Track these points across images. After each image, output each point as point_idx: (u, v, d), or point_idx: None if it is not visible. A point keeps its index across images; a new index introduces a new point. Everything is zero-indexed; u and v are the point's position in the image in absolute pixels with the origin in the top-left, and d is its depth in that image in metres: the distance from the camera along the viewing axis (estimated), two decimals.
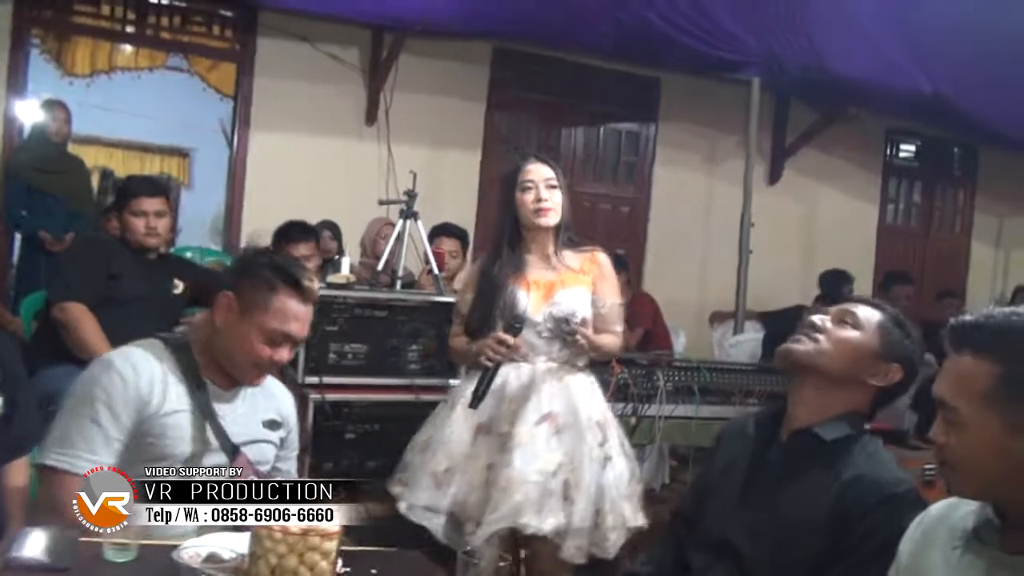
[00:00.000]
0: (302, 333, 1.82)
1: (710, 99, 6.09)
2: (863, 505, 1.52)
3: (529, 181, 2.49)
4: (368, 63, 5.45)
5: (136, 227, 3.13)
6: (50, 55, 6.01)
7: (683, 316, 5.78)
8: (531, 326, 2.45)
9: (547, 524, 2.31)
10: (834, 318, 1.68)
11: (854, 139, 6.70)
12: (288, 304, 1.77)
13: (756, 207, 5.36)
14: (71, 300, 2.96)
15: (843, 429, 1.61)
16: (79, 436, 1.67)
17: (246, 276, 1.82)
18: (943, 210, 7.54)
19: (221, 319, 1.80)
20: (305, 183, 5.23)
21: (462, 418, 2.45)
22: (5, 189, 4.78)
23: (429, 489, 2.39)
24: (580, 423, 2.43)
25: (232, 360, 1.81)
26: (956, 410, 1.22)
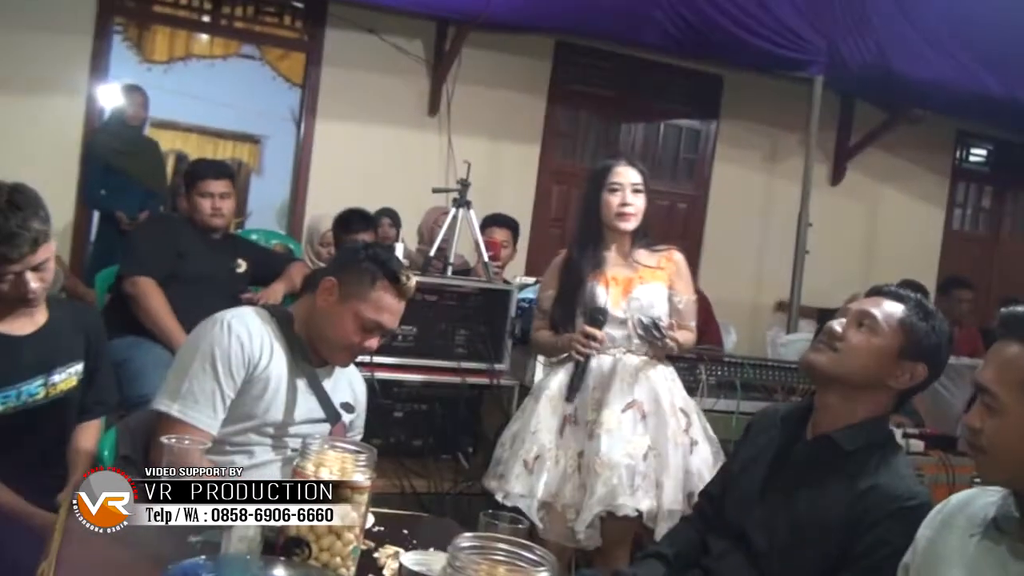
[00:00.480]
0: (393, 325, 1.94)
1: (773, 97, 6.04)
2: (874, 515, 1.54)
3: (616, 183, 2.56)
4: (432, 55, 5.56)
5: (203, 207, 3.29)
6: (131, 42, 6.27)
7: (737, 314, 5.77)
8: (612, 321, 2.54)
9: (643, 504, 2.39)
10: (852, 321, 1.67)
11: (921, 141, 6.58)
12: (385, 297, 1.90)
13: (817, 207, 5.33)
14: (141, 275, 3.12)
15: (864, 438, 1.63)
16: (201, 393, 1.82)
17: (350, 265, 1.94)
18: (1015, 216, 7.34)
19: (322, 301, 1.92)
20: (368, 171, 5.36)
21: (549, 410, 2.55)
22: (85, 169, 5.01)
23: (521, 476, 2.49)
24: (663, 410, 2.51)
25: (326, 340, 1.93)
26: (996, 396, 1.25)
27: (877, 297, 1.71)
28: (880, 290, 1.73)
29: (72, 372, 2.10)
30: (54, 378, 2.06)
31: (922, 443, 3.47)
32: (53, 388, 2.06)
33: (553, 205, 5.94)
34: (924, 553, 1.37)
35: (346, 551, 1.31)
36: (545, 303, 2.68)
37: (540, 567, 0.95)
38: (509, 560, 0.96)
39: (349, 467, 1.32)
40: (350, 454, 1.34)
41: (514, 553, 0.97)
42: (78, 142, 5.03)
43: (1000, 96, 5.54)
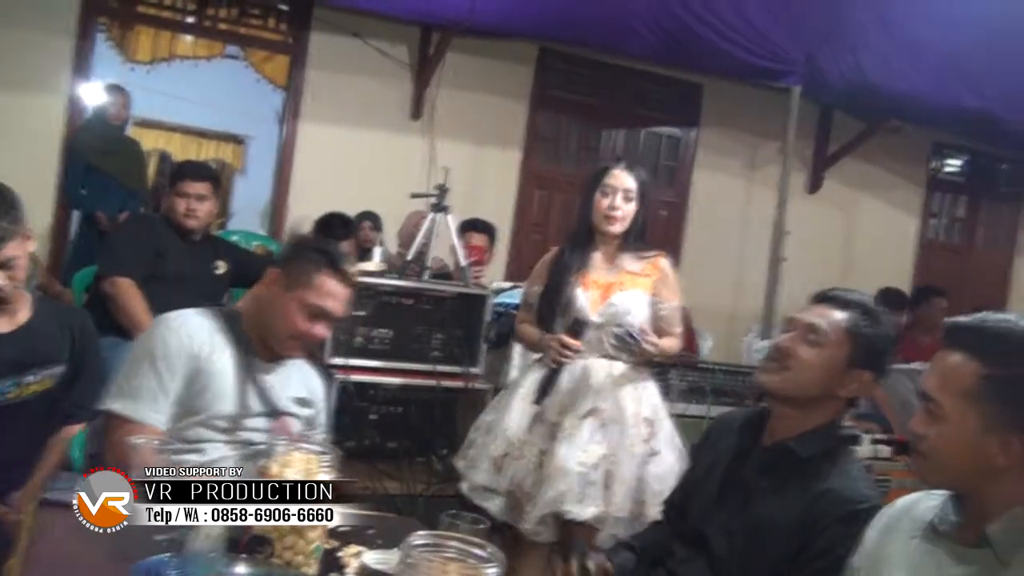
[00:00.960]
0: (339, 312, 1.97)
1: (752, 106, 6.11)
2: (827, 518, 1.58)
3: (609, 186, 2.59)
4: (416, 59, 5.59)
5: (178, 207, 3.29)
6: (114, 42, 6.25)
7: (715, 321, 5.82)
8: None
9: (587, 512, 2.44)
10: (800, 336, 1.69)
11: (898, 151, 6.67)
12: (328, 283, 1.93)
13: (795, 215, 5.39)
14: (120, 275, 3.13)
15: (818, 444, 1.67)
16: (143, 387, 1.85)
17: (294, 256, 2.00)
18: (987, 226, 7.44)
19: (267, 292, 1.97)
20: (350, 174, 5.39)
21: (521, 406, 2.60)
22: (66, 168, 5.01)
23: (488, 472, 2.57)
24: (625, 419, 2.54)
25: (273, 331, 1.95)
26: (939, 404, 1.29)
27: (822, 306, 1.72)
28: (825, 296, 1.74)
29: (48, 374, 2.10)
30: (27, 378, 2.07)
31: (889, 449, 3.54)
32: (25, 388, 2.07)
33: (534, 210, 5.99)
34: (870, 555, 1.42)
35: (309, 549, 1.35)
36: (531, 298, 2.72)
37: (490, 564, 0.99)
38: (460, 557, 1.00)
39: (314, 468, 1.36)
40: (315, 455, 1.37)
41: (465, 551, 1.01)
42: (59, 141, 5.04)
43: (974, 108, 5.63)
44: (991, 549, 1.24)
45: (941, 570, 1.29)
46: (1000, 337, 1.28)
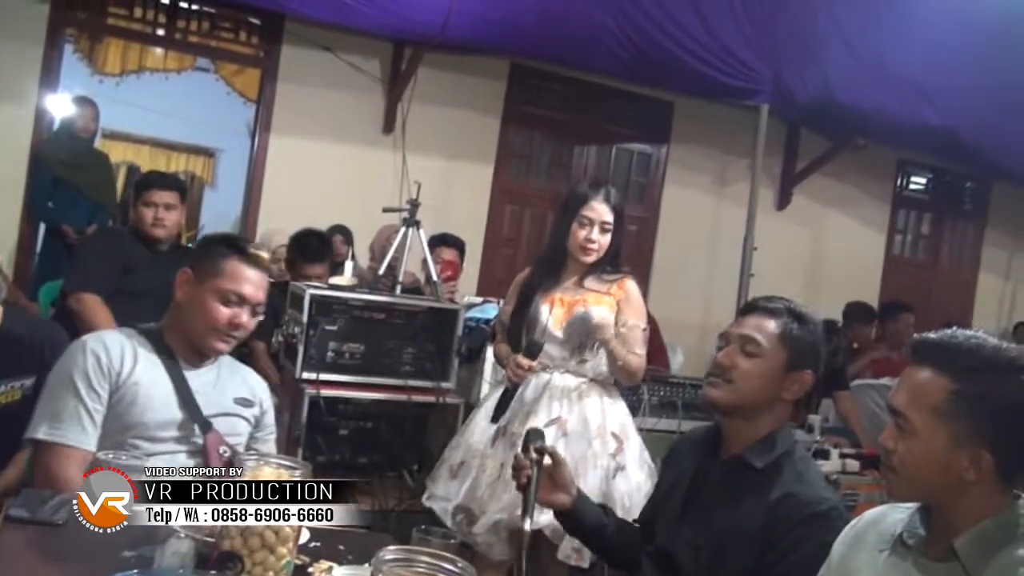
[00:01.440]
0: (254, 295, 1.97)
1: (722, 123, 6.19)
2: (788, 523, 1.61)
3: (587, 218, 2.61)
4: (388, 74, 5.60)
5: (145, 216, 3.26)
6: (83, 54, 6.23)
7: (685, 335, 5.87)
8: (551, 339, 2.61)
9: (542, 519, 2.40)
10: (736, 349, 1.74)
11: (864, 168, 6.78)
12: (238, 268, 1.95)
13: (763, 231, 5.46)
14: (85, 291, 3.09)
15: (772, 452, 1.70)
16: (65, 412, 1.83)
17: (202, 253, 2.04)
18: (952, 243, 7.58)
19: (182, 293, 1.98)
20: (321, 188, 5.38)
21: (485, 421, 2.64)
22: (33, 180, 4.95)
23: (444, 480, 2.61)
24: (589, 431, 2.56)
25: (196, 329, 1.96)
26: (908, 419, 1.31)
27: (752, 316, 1.77)
28: (754, 307, 1.80)
29: (16, 386, 2.08)
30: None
31: (858, 463, 3.58)
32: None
33: (505, 225, 6.01)
34: (837, 568, 1.44)
35: (279, 566, 1.33)
36: (503, 316, 2.77)
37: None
38: (431, 572, 1.00)
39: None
40: (285, 469, 1.37)
41: (436, 565, 1.01)
42: (26, 153, 4.97)
43: (938, 126, 5.74)
44: (959, 563, 1.26)
45: None
46: (969, 353, 1.30)
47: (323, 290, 3.10)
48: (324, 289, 3.12)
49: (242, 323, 1.97)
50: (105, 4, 5.18)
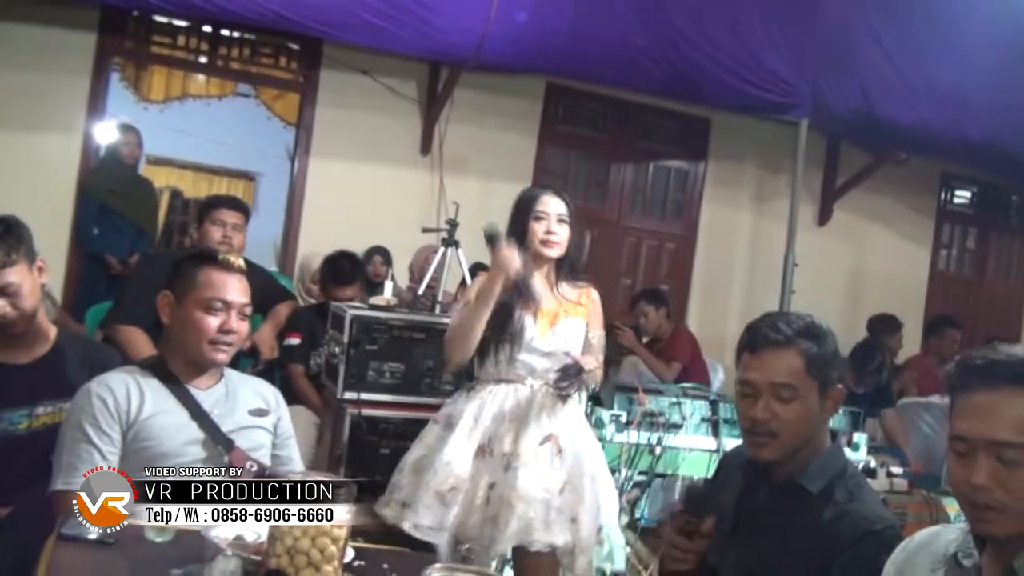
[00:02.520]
0: (236, 297, 1.99)
1: (761, 139, 6.16)
2: (843, 542, 1.57)
3: (542, 212, 2.61)
4: (424, 96, 5.66)
5: (213, 235, 3.27)
6: (128, 81, 6.37)
7: (726, 353, 5.80)
8: (534, 352, 2.57)
9: (557, 539, 2.42)
10: (771, 399, 1.64)
11: (907, 183, 6.68)
12: (212, 275, 1.98)
13: (804, 247, 5.40)
14: (124, 324, 3.10)
15: (825, 475, 1.65)
16: (78, 459, 1.84)
17: (173, 273, 2.04)
18: (999, 257, 7.43)
19: (167, 317, 2.01)
20: (360, 209, 5.43)
21: (463, 440, 2.51)
22: (79, 208, 5.06)
23: (433, 508, 2.46)
24: (579, 444, 2.55)
25: (190, 346, 1.97)
26: (1015, 446, 1.21)
27: (767, 354, 1.65)
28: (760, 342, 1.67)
29: (62, 407, 2.08)
30: (39, 410, 2.07)
31: (906, 482, 3.51)
32: (36, 420, 2.07)
33: None
34: None
35: None
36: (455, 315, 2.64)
37: None
38: None
39: None
40: None
41: None
42: (74, 180, 5.09)
43: (981, 139, 5.65)
44: None
45: None
46: None
47: (364, 311, 3.13)
48: (365, 310, 3.14)
49: (233, 328, 1.98)
50: (150, 33, 5.31)
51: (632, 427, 3.14)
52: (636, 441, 3.12)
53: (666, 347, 5.04)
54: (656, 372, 4.78)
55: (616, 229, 6.27)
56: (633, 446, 3.11)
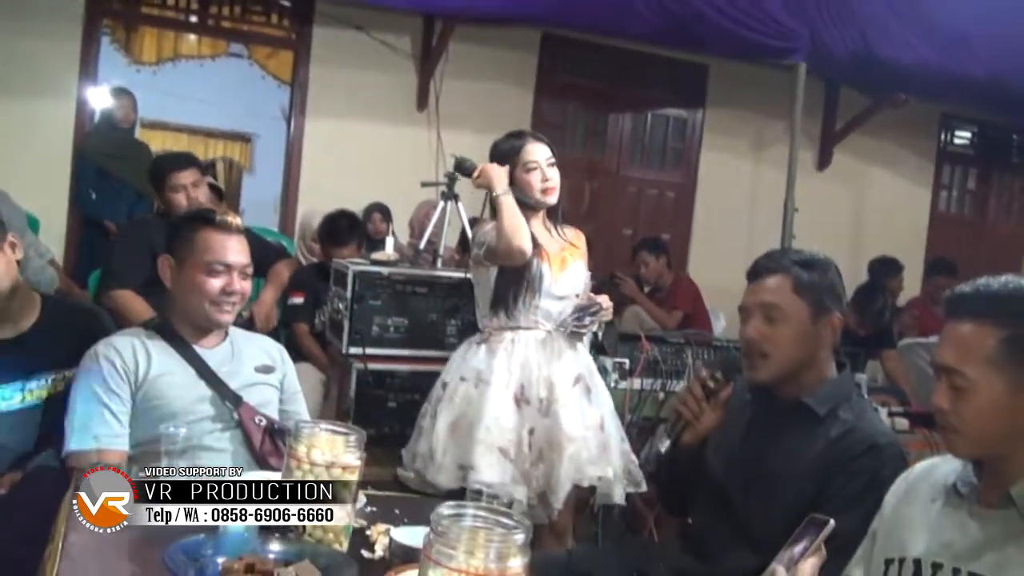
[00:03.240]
0: (236, 257, 1.99)
1: (758, 85, 6.10)
2: (848, 455, 1.62)
3: (533, 162, 2.56)
4: (419, 50, 5.61)
5: (178, 202, 3.21)
6: (119, 44, 6.32)
7: (727, 300, 5.82)
8: (551, 296, 2.57)
9: (607, 471, 2.49)
10: (761, 320, 1.70)
11: (906, 125, 6.64)
12: (210, 237, 1.98)
13: (804, 193, 5.38)
14: (117, 289, 3.10)
15: (833, 399, 1.70)
16: (90, 419, 1.86)
17: (171, 237, 2.05)
18: (999, 197, 7.41)
19: (169, 280, 2.02)
20: (358, 167, 5.42)
21: (501, 392, 2.51)
22: (77, 172, 5.05)
23: (496, 465, 2.44)
24: (596, 380, 2.63)
25: (194, 309, 1.98)
26: (963, 375, 1.28)
27: (762, 280, 1.73)
28: (759, 270, 1.74)
29: (56, 378, 2.09)
30: (32, 384, 2.07)
31: (907, 421, 3.55)
32: (30, 394, 2.07)
33: None
34: (889, 519, 1.43)
35: (339, 527, 1.37)
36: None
37: (517, 531, 1.01)
38: (488, 525, 1.02)
39: (339, 448, 1.38)
40: (340, 436, 1.40)
41: (493, 519, 1.03)
42: (69, 145, 5.08)
43: (983, 78, 5.59)
44: (1016, 510, 1.26)
45: (963, 531, 1.30)
46: (1009, 298, 1.29)
47: (366, 266, 3.14)
48: (367, 265, 3.16)
49: (236, 288, 1.98)
50: None
51: (635, 375, 3.15)
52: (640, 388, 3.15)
53: (667, 296, 5.06)
54: (658, 320, 4.80)
55: (615, 179, 6.25)
56: (636, 392, 3.13)
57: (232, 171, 9.23)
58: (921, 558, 1.32)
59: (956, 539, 1.30)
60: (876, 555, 1.42)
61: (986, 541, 1.27)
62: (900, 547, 1.37)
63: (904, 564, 1.35)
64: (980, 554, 1.26)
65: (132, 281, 3.12)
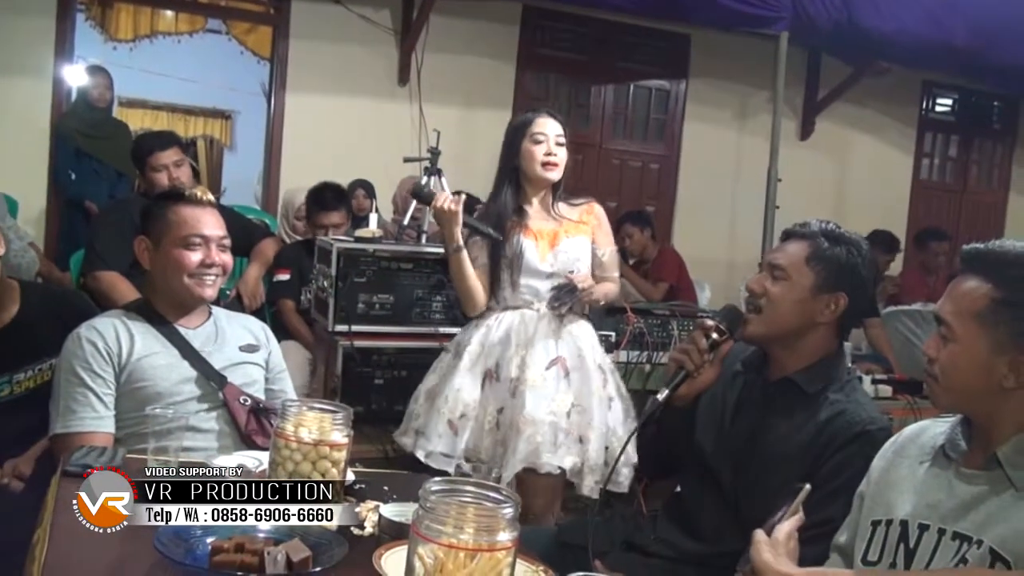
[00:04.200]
0: (211, 229, 1.98)
1: (741, 55, 6.09)
2: (838, 441, 1.62)
3: (541, 134, 2.56)
4: (400, 24, 5.55)
5: (160, 182, 3.18)
6: (95, 21, 6.21)
7: (712, 271, 5.86)
8: (536, 275, 2.56)
9: (565, 462, 2.45)
10: (766, 275, 1.72)
11: (888, 93, 6.66)
12: (182, 211, 1.97)
13: (787, 162, 5.39)
14: (101, 270, 3.08)
15: (823, 379, 1.69)
16: (75, 402, 1.86)
17: (145, 217, 2.04)
18: (980, 164, 7.45)
19: (147, 261, 2.01)
20: (340, 143, 5.38)
21: (469, 367, 2.55)
22: (55, 153, 4.98)
23: (445, 436, 2.50)
24: (587, 366, 2.55)
25: (175, 287, 1.97)
26: (950, 326, 1.32)
27: (784, 243, 1.76)
28: (789, 233, 1.78)
29: (44, 367, 2.08)
30: (19, 376, 2.06)
31: (890, 388, 3.59)
32: (18, 386, 2.06)
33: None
34: (877, 481, 1.45)
35: None
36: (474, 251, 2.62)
37: (505, 505, 1.02)
38: (476, 500, 1.03)
39: (327, 426, 1.38)
40: (327, 414, 1.40)
41: (481, 494, 1.04)
42: (47, 125, 5.01)
43: (963, 45, 5.60)
44: (1002, 471, 1.28)
45: (950, 492, 1.32)
46: (1015, 262, 1.31)
47: (350, 243, 3.12)
48: (351, 242, 3.14)
49: (215, 261, 1.98)
50: None
51: (621, 347, 3.16)
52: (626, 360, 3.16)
53: (652, 268, 5.07)
54: (644, 293, 4.82)
55: (599, 151, 6.24)
56: (623, 365, 3.15)
57: (213, 149, 9.15)
58: (908, 519, 1.34)
59: (943, 500, 1.32)
60: (863, 518, 1.43)
61: (972, 501, 1.29)
62: (887, 509, 1.39)
63: (891, 525, 1.36)
64: (965, 514, 1.28)
65: (117, 262, 3.10)
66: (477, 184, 4.42)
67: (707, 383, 1.76)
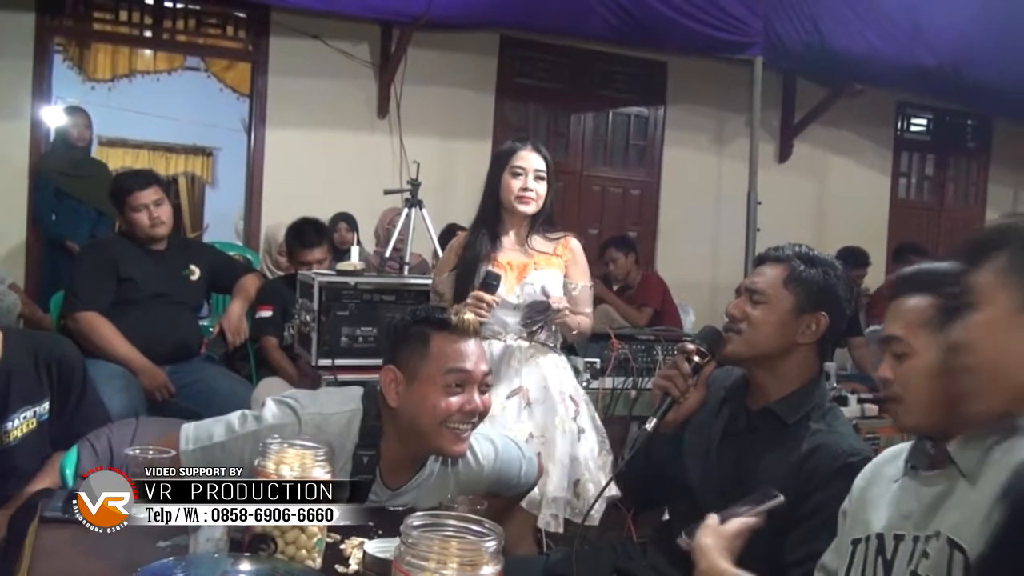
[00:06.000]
0: (476, 366, 1.67)
1: (718, 80, 6.16)
2: (821, 473, 1.60)
3: (520, 168, 2.55)
4: (378, 57, 5.59)
5: (141, 222, 3.19)
6: (72, 61, 6.23)
7: (696, 294, 5.88)
8: (504, 307, 2.52)
9: None
10: (744, 299, 1.73)
11: (863, 114, 6.75)
12: (446, 344, 1.65)
13: (766, 185, 5.44)
14: (81, 311, 3.06)
15: (803, 407, 1.69)
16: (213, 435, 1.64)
17: (398, 342, 1.70)
18: (956, 182, 7.55)
19: (393, 396, 1.66)
20: (321, 177, 5.39)
21: None
22: (35, 194, 4.97)
23: None
24: (552, 396, 2.51)
25: (422, 432, 1.65)
26: (904, 341, 1.36)
27: (760, 267, 1.77)
28: (763, 257, 1.79)
29: (30, 415, 2.04)
30: (7, 425, 2.01)
31: (876, 407, 3.59)
32: (6, 436, 2.01)
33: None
34: (857, 501, 1.46)
35: (311, 543, 1.36)
36: (440, 286, 2.64)
37: (488, 538, 1.01)
38: (459, 535, 1.02)
39: (309, 463, 1.37)
40: (309, 451, 1.38)
41: (464, 528, 1.03)
42: (25, 165, 5.00)
43: (934, 66, 5.70)
44: (954, 466, 1.29)
45: (919, 499, 1.33)
46: (946, 274, 1.33)
47: (332, 277, 3.12)
48: (333, 276, 3.14)
49: (478, 406, 1.67)
50: (90, 9, 5.18)
51: (606, 374, 3.16)
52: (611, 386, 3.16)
53: (636, 293, 5.08)
54: (628, 318, 4.82)
55: (580, 179, 6.28)
56: (608, 392, 3.14)
57: (194, 186, 9.14)
58: (883, 532, 1.36)
59: (914, 509, 1.33)
60: (844, 537, 1.44)
61: (935, 502, 1.30)
62: (864, 527, 1.40)
63: (869, 541, 1.38)
64: (933, 515, 1.30)
65: (96, 302, 3.08)
66: (458, 214, 4.45)
67: (694, 407, 1.75)
